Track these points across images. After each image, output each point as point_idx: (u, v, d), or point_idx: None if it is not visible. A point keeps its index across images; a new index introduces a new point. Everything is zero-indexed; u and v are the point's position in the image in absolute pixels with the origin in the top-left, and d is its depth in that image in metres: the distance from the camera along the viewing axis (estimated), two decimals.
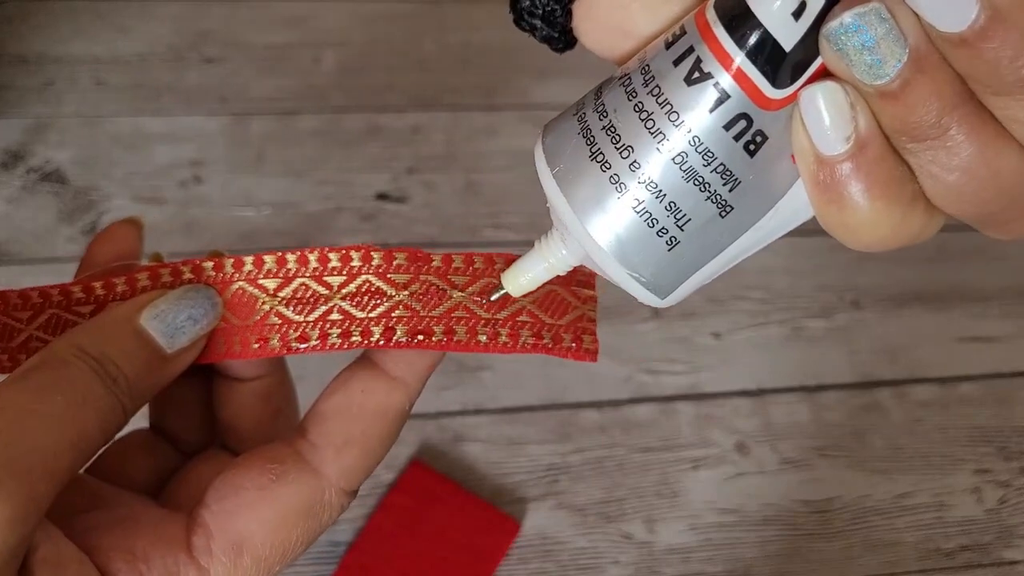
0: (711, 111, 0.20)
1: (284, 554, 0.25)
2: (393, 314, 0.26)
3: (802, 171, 0.21)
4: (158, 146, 0.91)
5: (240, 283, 0.27)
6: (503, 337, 0.27)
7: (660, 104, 0.21)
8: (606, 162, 0.22)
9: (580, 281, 0.28)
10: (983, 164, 0.19)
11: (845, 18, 0.18)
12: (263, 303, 0.27)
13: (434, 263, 0.27)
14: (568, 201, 0.23)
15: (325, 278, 0.27)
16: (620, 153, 0.22)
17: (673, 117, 0.21)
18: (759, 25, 0.20)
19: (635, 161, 0.21)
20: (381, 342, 0.26)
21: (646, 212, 0.22)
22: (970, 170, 0.19)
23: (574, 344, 0.28)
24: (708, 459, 0.79)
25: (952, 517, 0.78)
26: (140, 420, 0.27)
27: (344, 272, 0.27)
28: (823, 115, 0.19)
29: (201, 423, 0.30)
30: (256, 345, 0.26)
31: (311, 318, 0.26)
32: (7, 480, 0.21)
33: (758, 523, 0.77)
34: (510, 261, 0.28)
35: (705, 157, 0.21)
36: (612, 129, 0.22)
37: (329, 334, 0.26)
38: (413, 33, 1.02)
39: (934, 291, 0.90)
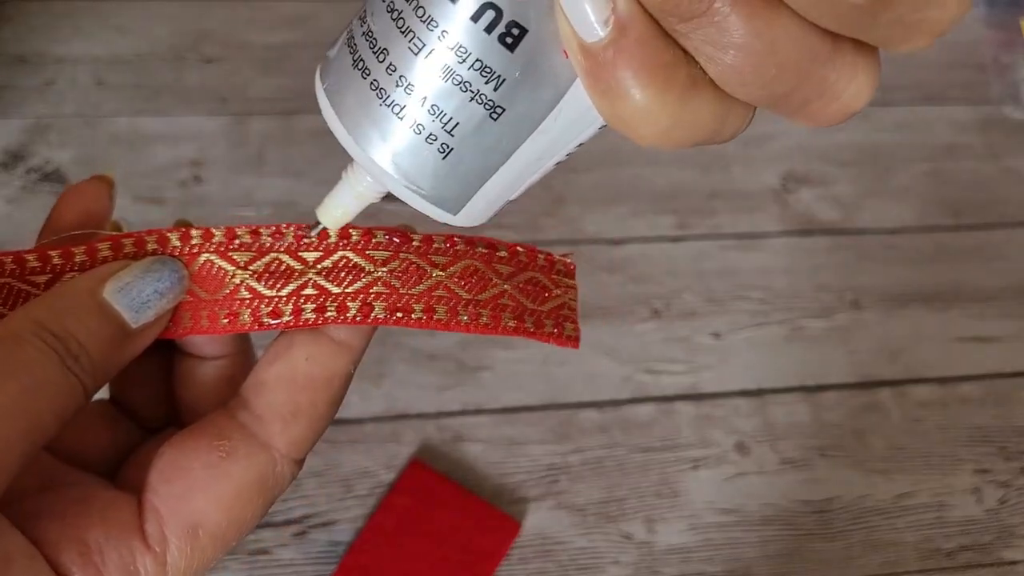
0: (454, 2, 0.19)
1: (240, 529, 0.24)
2: (371, 290, 0.25)
3: (572, 63, 0.19)
4: (158, 146, 0.91)
5: (208, 255, 0.25)
6: (484, 318, 0.26)
7: (408, 1, 0.20)
8: (366, 68, 0.20)
9: (560, 271, 0.28)
10: (755, 37, 0.17)
11: None
12: (232, 276, 0.25)
13: (415, 242, 0.26)
14: (337, 114, 0.21)
15: (300, 253, 0.26)
16: (377, 57, 0.20)
17: (420, 13, 0.19)
18: None
19: (391, 64, 0.20)
20: (358, 318, 0.25)
21: (411, 118, 0.20)
22: (745, 46, 0.17)
23: (556, 330, 0.27)
24: (708, 459, 0.79)
25: (952, 517, 0.78)
26: (101, 391, 0.25)
27: (320, 247, 0.26)
28: None
29: (163, 399, 0.29)
30: (226, 320, 0.25)
31: (283, 292, 0.25)
32: None
33: (758, 523, 0.77)
34: (490, 244, 0.27)
35: (458, 54, 0.19)
36: (369, 33, 0.20)
37: (303, 309, 0.25)
38: None
39: (934, 291, 0.90)
